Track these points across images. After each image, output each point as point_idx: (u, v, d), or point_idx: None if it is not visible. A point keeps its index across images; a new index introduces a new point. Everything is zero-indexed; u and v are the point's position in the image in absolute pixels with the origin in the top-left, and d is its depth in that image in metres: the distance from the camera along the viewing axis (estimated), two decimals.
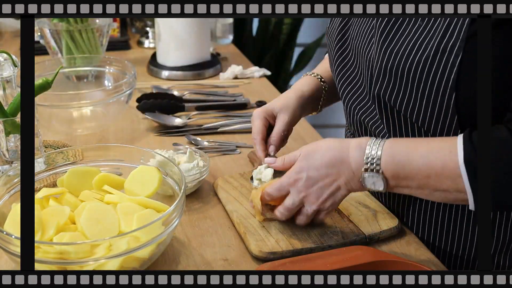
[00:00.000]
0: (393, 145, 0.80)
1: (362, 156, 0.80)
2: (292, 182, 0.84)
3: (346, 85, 0.99)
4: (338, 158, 0.82)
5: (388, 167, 0.79)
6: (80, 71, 1.42)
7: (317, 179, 0.82)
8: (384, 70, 0.84)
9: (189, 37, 1.59)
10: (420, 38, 0.81)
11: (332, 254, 0.79)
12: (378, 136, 0.93)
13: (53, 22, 1.50)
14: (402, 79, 0.82)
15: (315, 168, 0.82)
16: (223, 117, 1.33)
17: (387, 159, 0.79)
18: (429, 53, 0.79)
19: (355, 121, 0.98)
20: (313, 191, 0.83)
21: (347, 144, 0.82)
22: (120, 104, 1.25)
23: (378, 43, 0.86)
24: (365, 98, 0.95)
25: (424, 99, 0.81)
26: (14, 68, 1.01)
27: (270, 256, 0.83)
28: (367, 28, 0.93)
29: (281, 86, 2.63)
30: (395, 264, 0.76)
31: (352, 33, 0.97)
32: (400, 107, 0.84)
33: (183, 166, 0.98)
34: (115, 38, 1.90)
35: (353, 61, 0.98)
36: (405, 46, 0.82)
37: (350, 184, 0.82)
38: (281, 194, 0.86)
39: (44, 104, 1.16)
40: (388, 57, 0.84)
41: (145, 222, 0.75)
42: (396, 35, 0.84)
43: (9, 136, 0.99)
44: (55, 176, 0.94)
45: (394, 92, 0.84)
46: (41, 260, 0.70)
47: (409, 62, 0.81)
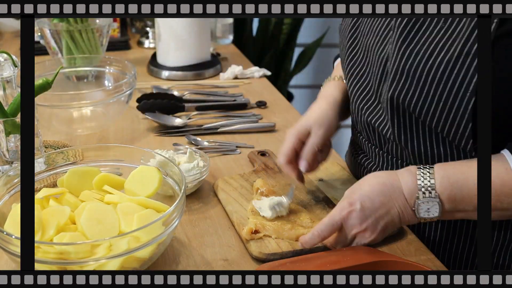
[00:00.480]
0: (445, 167, 0.77)
1: (414, 180, 0.77)
2: (346, 215, 0.78)
3: (355, 83, 0.97)
4: (388, 184, 0.78)
5: (444, 190, 0.76)
6: (80, 71, 1.42)
7: (372, 210, 0.77)
8: (401, 70, 0.82)
9: (189, 37, 1.59)
10: (442, 39, 0.79)
11: (332, 254, 0.79)
12: (385, 137, 0.92)
13: (53, 22, 1.50)
14: (419, 80, 0.80)
15: (368, 197, 0.77)
16: (223, 117, 1.33)
17: (442, 180, 0.76)
18: (451, 56, 0.77)
19: (362, 121, 0.97)
20: (368, 226, 0.78)
21: (394, 171, 0.79)
22: (120, 104, 1.25)
23: (396, 43, 0.84)
24: (371, 97, 0.95)
25: (441, 101, 0.79)
26: (14, 68, 1.01)
27: (270, 257, 0.83)
28: (380, 26, 0.90)
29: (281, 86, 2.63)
30: (395, 264, 0.76)
31: (363, 30, 0.95)
32: (414, 108, 0.82)
33: (183, 166, 0.98)
34: (115, 38, 1.90)
35: (364, 59, 0.96)
36: (426, 47, 0.80)
37: (403, 214, 0.78)
38: (334, 231, 0.80)
39: (44, 104, 1.16)
40: (407, 58, 0.81)
41: (145, 222, 0.75)
42: (417, 35, 0.82)
43: (9, 136, 0.99)
44: (55, 176, 0.94)
45: (409, 93, 0.81)
46: (41, 260, 0.70)
47: (430, 64, 0.79)
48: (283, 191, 0.99)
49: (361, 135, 1.01)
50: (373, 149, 0.98)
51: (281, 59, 2.70)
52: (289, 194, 0.93)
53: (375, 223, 0.78)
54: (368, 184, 0.79)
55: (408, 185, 0.77)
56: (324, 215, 0.91)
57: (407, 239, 0.90)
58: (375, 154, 0.98)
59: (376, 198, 0.78)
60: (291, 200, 0.92)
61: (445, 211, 0.77)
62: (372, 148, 0.98)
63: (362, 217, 0.78)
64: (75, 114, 1.24)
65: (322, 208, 0.94)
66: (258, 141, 1.23)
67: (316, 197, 0.97)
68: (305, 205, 0.95)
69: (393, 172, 0.80)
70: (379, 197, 0.78)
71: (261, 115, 1.35)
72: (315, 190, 0.99)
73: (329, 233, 0.79)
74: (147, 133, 1.27)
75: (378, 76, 0.90)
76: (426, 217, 0.77)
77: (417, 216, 0.78)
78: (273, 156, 1.12)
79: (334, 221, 0.79)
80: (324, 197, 0.97)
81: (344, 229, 0.79)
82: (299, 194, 0.98)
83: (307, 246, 0.81)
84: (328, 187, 1.01)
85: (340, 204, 0.79)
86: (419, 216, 0.78)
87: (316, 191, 0.99)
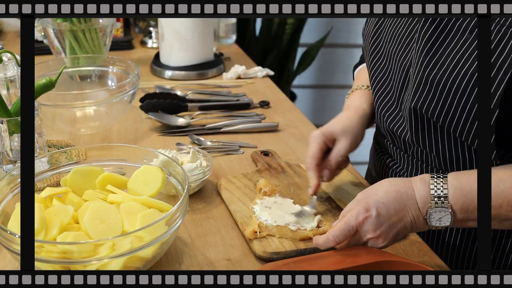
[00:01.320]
0: (458, 177, 0.77)
1: (427, 189, 0.77)
2: (362, 221, 0.78)
3: (378, 89, 0.97)
4: (403, 192, 0.78)
5: (457, 201, 0.76)
6: (83, 71, 1.43)
7: (386, 217, 0.77)
8: (425, 80, 0.81)
9: (192, 37, 1.59)
10: (468, 51, 0.78)
11: (335, 254, 0.79)
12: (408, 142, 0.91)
13: (57, 22, 1.50)
14: (443, 91, 0.79)
15: (383, 203, 0.77)
16: (226, 117, 1.33)
17: (455, 191, 0.76)
18: (476, 68, 0.76)
19: (384, 127, 0.96)
20: (382, 232, 0.78)
21: (408, 179, 0.79)
22: (124, 103, 1.25)
23: (420, 52, 0.83)
24: (393, 105, 0.94)
25: (464, 112, 0.78)
26: (18, 68, 1.02)
27: (273, 256, 0.83)
28: (403, 33, 0.89)
29: (284, 86, 2.63)
30: (398, 264, 0.76)
31: (386, 36, 0.94)
32: (438, 118, 0.81)
33: (186, 166, 0.98)
34: (118, 38, 1.90)
35: (386, 66, 0.95)
36: (451, 58, 0.79)
37: (415, 222, 0.78)
38: (349, 236, 0.79)
39: (48, 103, 1.16)
40: (432, 68, 0.81)
41: (148, 221, 0.75)
42: (442, 46, 0.81)
43: (13, 135, 0.99)
44: (58, 176, 0.94)
45: (432, 103, 0.81)
46: (45, 260, 0.70)
47: (454, 75, 0.78)
48: (286, 191, 0.99)
49: (385, 138, 1.00)
50: (398, 152, 0.98)
51: (284, 59, 2.70)
52: (311, 203, 0.92)
53: (388, 230, 0.78)
54: (384, 191, 0.78)
55: (421, 194, 0.77)
56: (328, 216, 0.91)
57: (410, 240, 0.90)
58: (400, 157, 0.98)
59: (391, 205, 0.77)
60: (313, 209, 0.92)
61: (457, 220, 0.77)
62: (397, 151, 0.98)
63: (377, 223, 0.77)
64: (78, 114, 1.24)
65: (325, 208, 0.94)
66: (261, 141, 1.23)
67: (320, 198, 0.97)
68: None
69: (407, 179, 0.79)
70: (394, 204, 0.77)
71: (264, 115, 1.35)
72: (319, 191, 0.99)
73: (344, 238, 0.79)
74: (150, 133, 1.27)
75: (399, 84, 0.89)
76: (438, 225, 0.77)
77: (428, 225, 0.78)
78: (276, 156, 1.12)
79: (350, 227, 0.78)
80: (328, 197, 0.97)
81: (358, 234, 0.79)
82: (302, 194, 0.98)
83: (322, 248, 0.81)
84: (331, 187, 1.01)
85: (356, 209, 0.78)
86: (431, 225, 0.78)
87: (320, 192, 0.99)
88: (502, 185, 0.74)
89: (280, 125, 1.31)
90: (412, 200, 0.77)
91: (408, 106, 0.86)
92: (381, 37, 0.96)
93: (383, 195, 0.78)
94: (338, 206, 0.94)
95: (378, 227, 0.77)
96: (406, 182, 0.79)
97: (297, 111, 1.41)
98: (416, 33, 0.86)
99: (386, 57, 0.94)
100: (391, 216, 0.77)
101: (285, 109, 1.41)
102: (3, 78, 1.03)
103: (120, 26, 1.93)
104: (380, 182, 0.81)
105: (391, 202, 0.77)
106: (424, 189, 0.77)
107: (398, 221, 0.78)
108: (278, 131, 1.29)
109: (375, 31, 0.97)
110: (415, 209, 0.77)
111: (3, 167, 1.00)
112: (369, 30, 0.99)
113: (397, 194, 0.78)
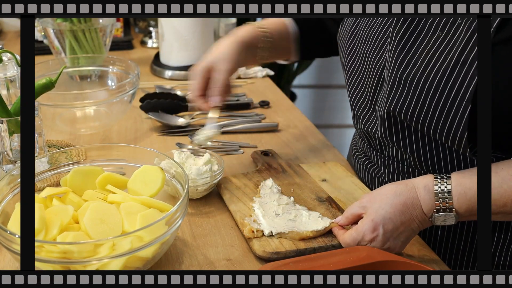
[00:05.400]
0: (462, 180, 0.77)
1: (432, 198, 0.78)
2: (369, 241, 0.80)
3: (353, 91, 0.98)
4: (409, 204, 0.79)
5: (461, 205, 0.77)
6: (83, 71, 1.43)
7: (393, 231, 0.79)
8: (398, 79, 0.82)
9: (192, 37, 1.59)
10: (440, 48, 0.79)
11: (335, 254, 0.79)
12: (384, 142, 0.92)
13: (57, 22, 1.50)
14: (416, 88, 0.80)
15: (390, 219, 0.79)
16: (226, 117, 1.33)
17: (460, 197, 0.77)
18: (448, 64, 0.77)
19: (360, 128, 0.97)
20: (390, 245, 0.80)
21: (412, 185, 0.80)
22: (124, 103, 1.25)
23: (393, 51, 0.84)
24: (367, 106, 0.95)
25: (437, 110, 0.79)
26: (18, 68, 1.02)
27: (273, 256, 0.83)
28: (377, 34, 0.90)
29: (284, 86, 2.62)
30: (398, 264, 0.76)
31: (361, 37, 0.95)
32: (411, 118, 0.82)
33: (195, 168, 0.97)
34: (118, 38, 1.90)
35: (361, 67, 0.96)
36: (424, 56, 0.80)
37: (421, 225, 0.80)
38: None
39: (48, 103, 1.16)
40: (406, 66, 0.81)
41: (148, 221, 0.75)
42: (414, 44, 0.82)
43: (13, 135, 0.99)
44: (58, 176, 0.94)
45: (406, 103, 0.82)
46: (45, 260, 0.70)
47: (427, 72, 0.79)
48: (286, 191, 0.99)
49: (362, 139, 1.01)
50: (374, 153, 0.99)
51: None
52: (210, 126, 0.99)
53: (396, 240, 0.80)
54: (390, 205, 0.79)
55: (426, 203, 0.79)
56: (328, 216, 0.91)
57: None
58: (377, 159, 0.99)
59: (398, 219, 0.79)
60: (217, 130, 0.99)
61: (461, 219, 0.79)
62: (374, 153, 0.99)
63: (385, 240, 0.80)
64: (78, 114, 1.25)
65: (325, 208, 0.94)
66: (261, 141, 1.23)
67: (320, 198, 0.97)
68: (308, 205, 0.94)
69: (412, 187, 0.80)
70: (400, 218, 0.79)
71: (264, 115, 1.35)
72: (319, 191, 0.99)
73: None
74: (150, 133, 1.27)
75: (373, 84, 0.90)
76: (443, 225, 0.80)
77: (433, 224, 0.80)
78: (276, 156, 1.12)
79: (360, 242, 0.81)
80: (328, 197, 0.97)
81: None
82: (302, 194, 0.98)
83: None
84: (332, 187, 1.01)
85: (362, 228, 0.80)
86: (436, 224, 0.80)
87: (319, 191, 0.99)
88: (506, 185, 0.75)
89: (280, 125, 1.31)
90: (418, 210, 0.79)
91: (382, 106, 0.87)
92: (357, 39, 0.96)
93: (389, 209, 0.79)
94: (338, 206, 0.94)
95: (385, 242, 0.80)
96: (411, 191, 0.80)
97: (297, 111, 1.41)
98: (390, 33, 0.87)
99: (361, 58, 0.95)
100: (397, 228, 0.79)
101: (285, 109, 1.41)
102: (3, 78, 1.03)
103: (120, 26, 1.93)
104: (385, 191, 0.82)
105: (398, 216, 0.79)
106: (430, 198, 0.78)
107: (405, 230, 0.80)
108: (278, 131, 1.29)
109: (350, 33, 0.98)
110: (421, 216, 0.79)
111: (3, 167, 1.00)
112: (346, 32, 1.00)
113: (403, 206, 0.79)
